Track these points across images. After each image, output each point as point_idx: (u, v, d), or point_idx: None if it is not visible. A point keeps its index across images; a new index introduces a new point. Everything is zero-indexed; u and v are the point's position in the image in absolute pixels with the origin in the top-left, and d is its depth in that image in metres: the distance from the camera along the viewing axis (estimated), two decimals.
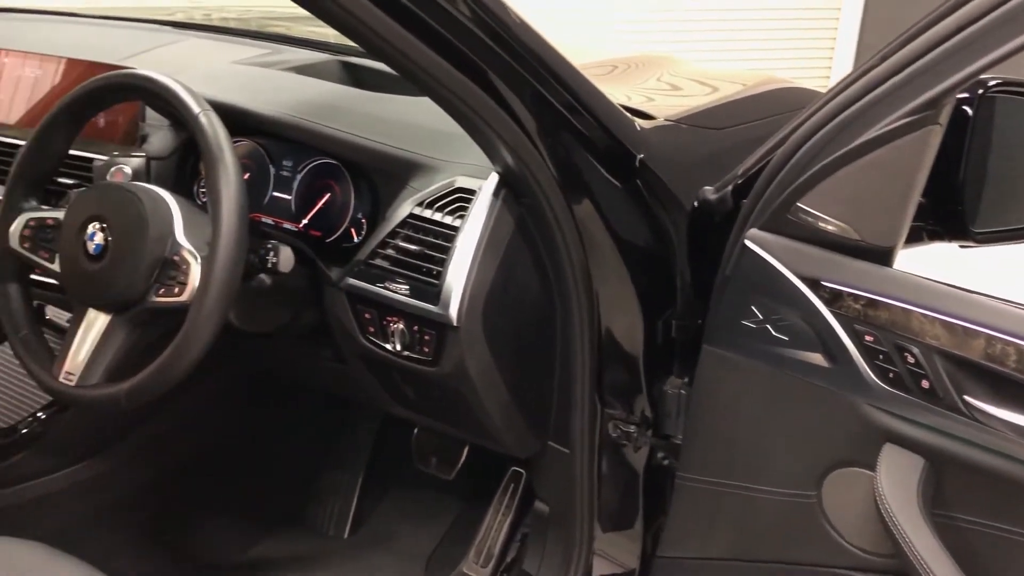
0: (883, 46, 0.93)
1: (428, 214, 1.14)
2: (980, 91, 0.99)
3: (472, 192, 1.12)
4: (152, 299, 1.06)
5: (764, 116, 1.30)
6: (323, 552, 1.74)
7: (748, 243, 1.01)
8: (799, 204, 0.97)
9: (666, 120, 1.21)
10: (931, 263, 1.08)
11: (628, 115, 1.11)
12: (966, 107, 0.99)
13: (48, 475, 1.57)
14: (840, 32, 4.59)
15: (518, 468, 1.54)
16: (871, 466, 0.95)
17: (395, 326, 1.17)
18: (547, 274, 1.14)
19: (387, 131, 1.24)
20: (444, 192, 1.14)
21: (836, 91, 0.96)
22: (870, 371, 0.94)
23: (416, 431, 1.59)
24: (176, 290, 1.04)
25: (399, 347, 1.17)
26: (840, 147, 0.93)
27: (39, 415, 1.53)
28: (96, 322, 1.09)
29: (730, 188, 1.09)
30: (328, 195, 1.26)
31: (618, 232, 1.11)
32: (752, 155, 1.07)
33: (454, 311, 1.10)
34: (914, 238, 1.02)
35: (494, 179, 1.11)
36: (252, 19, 2.21)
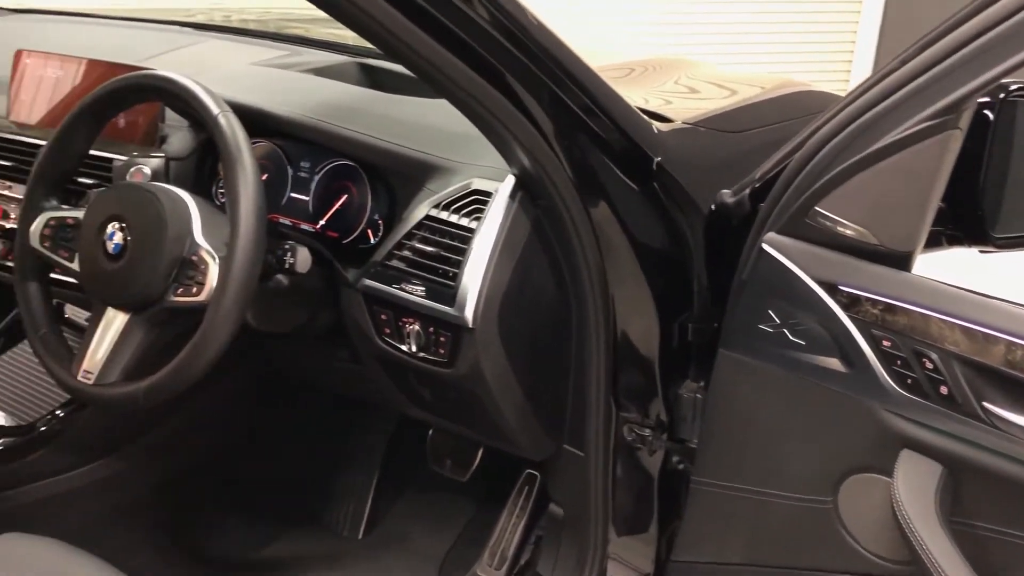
0: (903, 50, 0.93)
1: (444, 216, 1.14)
2: (1001, 95, 0.98)
3: (488, 194, 1.12)
4: (170, 299, 1.06)
5: (782, 120, 1.30)
6: (337, 552, 1.74)
7: (765, 247, 1.01)
8: (817, 208, 0.97)
9: (684, 123, 1.20)
10: (950, 268, 1.07)
11: (645, 118, 1.11)
12: (987, 111, 0.98)
13: (65, 473, 1.58)
14: (860, 35, 4.56)
15: (532, 470, 1.54)
16: (888, 472, 0.94)
17: (411, 327, 1.17)
18: (563, 276, 1.14)
19: (404, 133, 1.25)
20: (461, 194, 1.14)
21: (855, 95, 0.96)
22: (888, 376, 0.93)
23: (431, 432, 1.60)
24: (194, 290, 1.05)
25: (415, 348, 1.17)
26: (859, 151, 0.92)
27: (57, 413, 1.54)
28: (115, 321, 1.10)
29: (747, 192, 1.09)
30: (345, 196, 1.27)
31: (635, 235, 1.11)
32: (770, 159, 1.07)
33: (470, 313, 1.10)
34: (933, 243, 1.01)
35: (510, 181, 1.11)
36: (271, 21, 2.22)
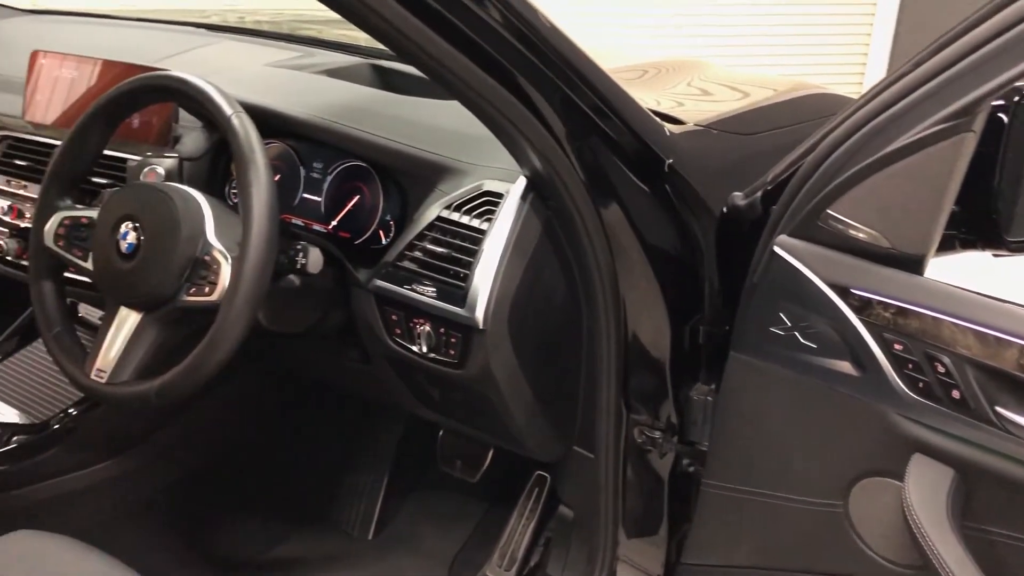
0: (917, 52, 0.92)
1: (456, 217, 1.15)
2: (1016, 98, 0.98)
3: (500, 195, 1.12)
4: (183, 298, 1.07)
5: (795, 122, 1.29)
6: (347, 553, 1.74)
7: (777, 249, 1.01)
8: (829, 211, 0.96)
9: (696, 125, 1.20)
10: (964, 272, 1.07)
11: (657, 120, 1.11)
12: (1001, 114, 0.97)
13: (78, 471, 1.59)
14: (874, 38, 4.54)
15: (543, 472, 1.54)
16: (899, 476, 0.94)
17: (422, 328, 1.17)
18: (574, 278, 1.14)
19: (416, 134, 1.25)
20: (472, 195, 1.15)
21: (869, 97, 0.95)
22: (899, 380, 0.93)
23: (441, 433, 1.60)
24: (207, 290, 1.05)
25: (425, 349, 1.18)
26: (872, 153, 0.92)
27: (71, 411, 1.55)
28: (127, 320, 1.11)
29: (759, 194, 1.09)
30: (357, 197, 1.27)
31: (646, 237, 1.10)
32: (782, 161, 1.07)
33: (480, 314, 1.10)
34: (946, 246, 1.00)
35: (522, 182, 1.11)
36: (284, 22, 2.23)
